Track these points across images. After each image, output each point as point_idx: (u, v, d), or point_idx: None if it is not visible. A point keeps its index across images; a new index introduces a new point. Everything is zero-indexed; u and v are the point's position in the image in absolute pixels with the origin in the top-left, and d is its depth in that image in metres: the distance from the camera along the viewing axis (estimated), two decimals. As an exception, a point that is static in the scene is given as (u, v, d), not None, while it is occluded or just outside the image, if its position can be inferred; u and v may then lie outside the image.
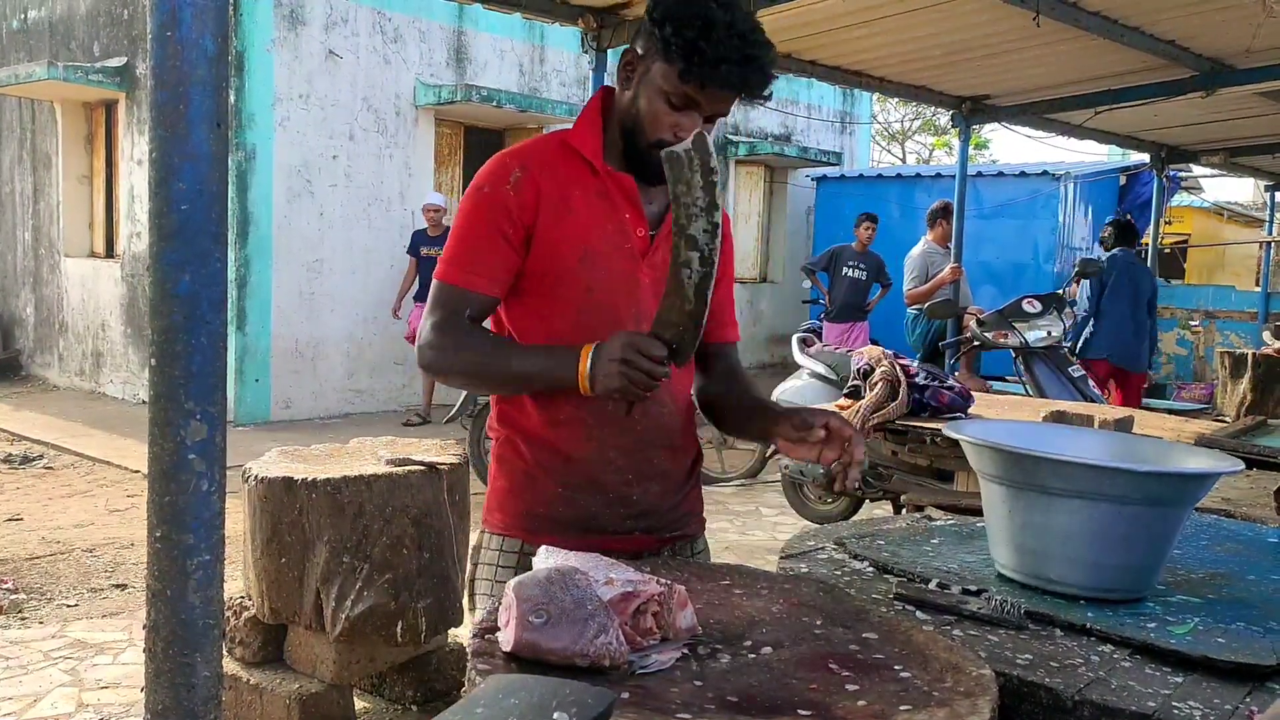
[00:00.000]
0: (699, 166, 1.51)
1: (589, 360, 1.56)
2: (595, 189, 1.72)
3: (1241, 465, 1.71)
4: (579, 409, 1.70)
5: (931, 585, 1.67)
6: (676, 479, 1.83)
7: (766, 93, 1.67)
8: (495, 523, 1.80)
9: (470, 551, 1.86)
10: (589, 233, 1.70)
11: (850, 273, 9.17)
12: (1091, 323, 6.87)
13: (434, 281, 1.72)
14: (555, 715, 0.94)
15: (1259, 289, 12.80)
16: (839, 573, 1.78)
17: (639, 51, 1.69)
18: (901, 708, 1.13)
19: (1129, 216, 8.26)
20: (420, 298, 8.76)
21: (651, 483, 1.77)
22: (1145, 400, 7.35)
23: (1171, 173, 10.38)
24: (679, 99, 1.64)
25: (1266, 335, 10.28)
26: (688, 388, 1.87)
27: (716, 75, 1.60)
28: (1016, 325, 5.90)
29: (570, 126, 1.79)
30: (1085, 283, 6.89)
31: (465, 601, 1.89)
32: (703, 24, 1.59)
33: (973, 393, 4.17)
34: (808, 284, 10.21)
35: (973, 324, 6.27)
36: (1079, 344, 6.84)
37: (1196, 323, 11.96)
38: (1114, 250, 7.06)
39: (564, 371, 1.59)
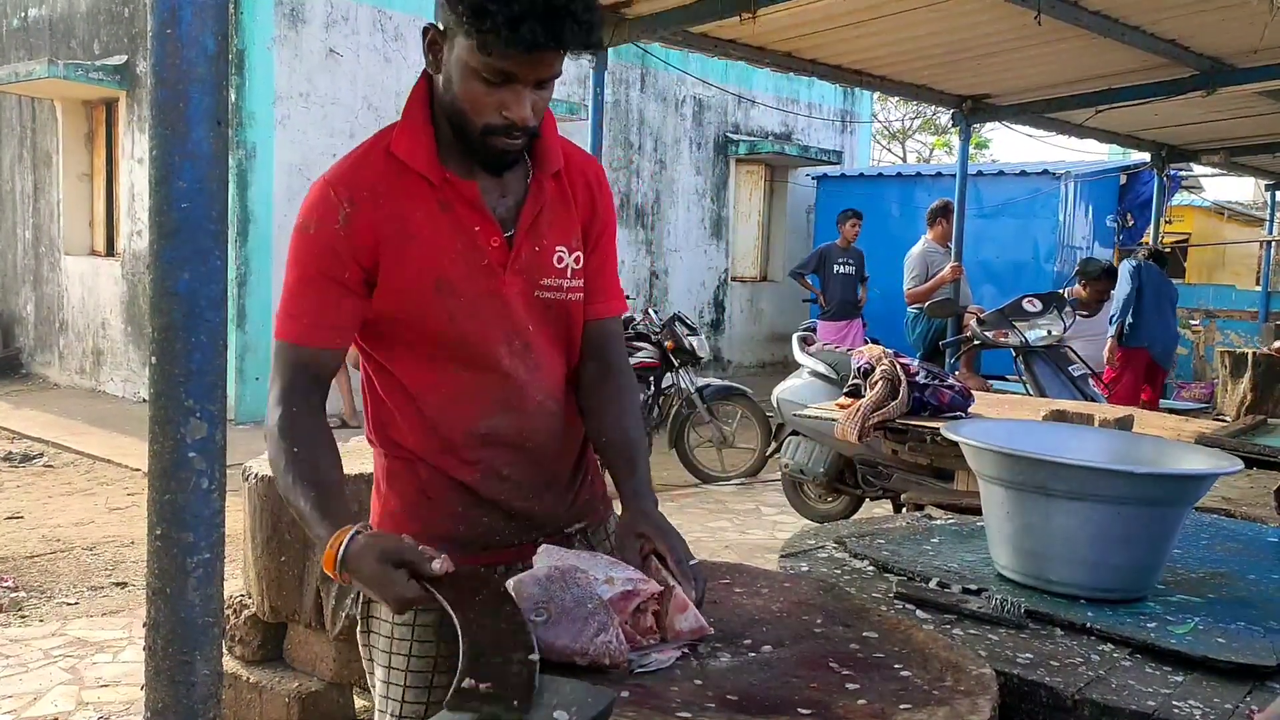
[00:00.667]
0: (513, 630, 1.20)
1: (339, 550, 1.32)
2: (436, 201, 1.51)
3: (1240, 465, 1.71)
4: (465, 436, 1.57)
5: (931, 584, 1.67)
6: (567, 478, 1.68)
7: (594, 40, 1.41)
8: None
9: None
10: (439, 256, 1.50)
11: (841, 270, 9.25)
12: (1132, 315, 7.12)
13: (273, 340, 1.52)
14: (555, 714, 0.94)
15: (1259, 288, 12.81)
16: (839, 571, 1.78)
17: (440, 28, 1.46)
18: (901, 706, 1.13)
19: (1163, 244, 8.82)
20: None
21: (546, 492, 1.64)
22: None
23: (1172, 172, 10.39)
24: (492, 74, 1.40)
25: (1266, 334, 10.29)
26: (564, 379, 1.67)
27: (518, 38, 1.34)
28: (1017, 324, 5.90)
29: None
30: (1125, 277, 7.15)
31: (359, 624, 1.66)
32: None
33: (973, 392, 4.17)
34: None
35: (973, 323, 6.26)
36: (1120, 333, 7.12)
37: (1197, 322, 11.96)
38: (1146, 260, 7.41)
39: (321, 545, 1.37)
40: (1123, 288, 7.14)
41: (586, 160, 1.69)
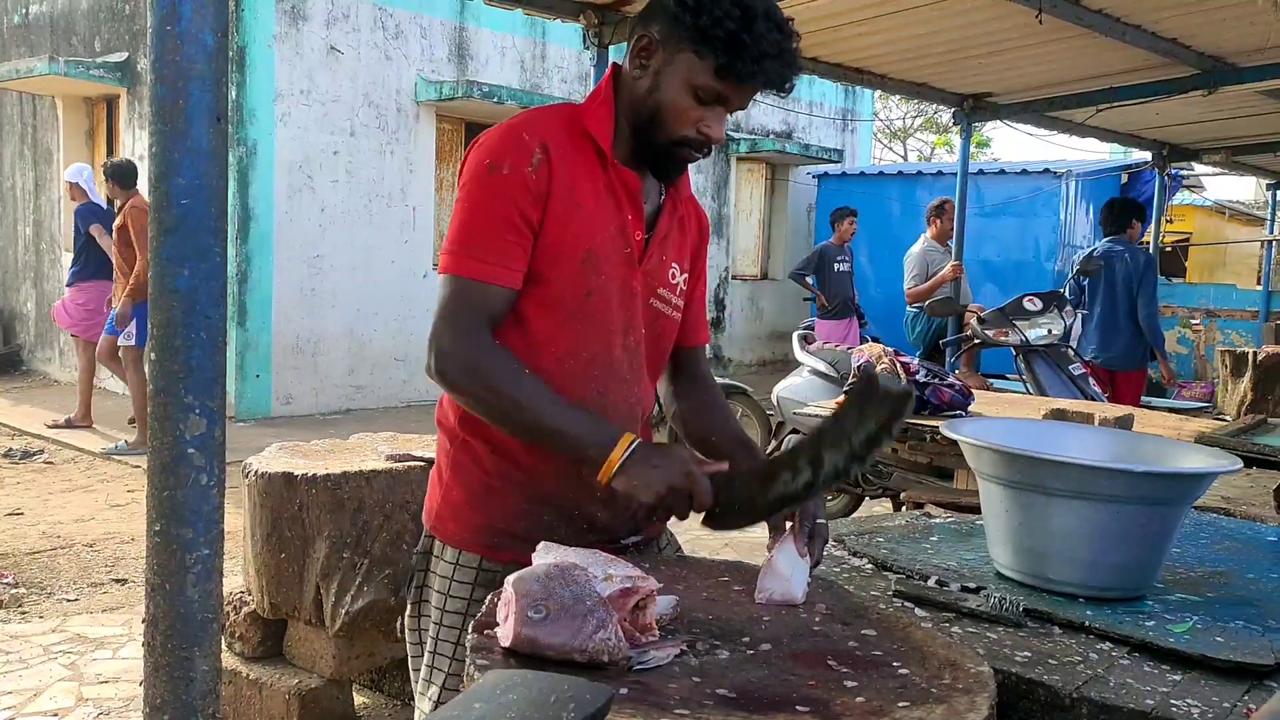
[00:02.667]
0: (885, 418, 1.34)
1: (625, 452, 1.45)
2: (603, 183, 1.58)
3: (1239, 464, 1.71)
4: None
5: (930, 582, 1.67)
6: None
7: (791, 86, 1.56)
8: (450, 534, 1.66)
9: (416, 556, 1.71)
10: (595, 232, 1.56)
11: (839, 268, 9.26)
12: (1080, 325, 6.60)
13: (447, 276, 1.53)
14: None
15: (1260, 288, 12.79)
16: (838, 570, 1.78)
17: (657, 36, 1.54)
18: (900, 704, 1.13)
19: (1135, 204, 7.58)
20: (83, 276, 7.75)
21: (615, 499, 1.62)
22: (1147, 399, 7.26)
23: (1173, 171, 10.36)
24: (708, 94, 1.52)
25: (1266, 333, 10.26)
26: (651, 395, 1.76)
27: (760, 72, 1.49)
28: (1017, 323, 5.89)
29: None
30: (1069, 284, 6.67)
31: (409, 608, 1.72)
32: (743, 15, 1.46)
33: (973, 390, 4.17)
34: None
35: (973, 322, 6.26)
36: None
37: (1197, 321, 11.95)
38: (1095, 246, 6.81)
39: (593, 450, 1.47)
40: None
41: (697, 202, 1.82)
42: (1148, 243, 9.49)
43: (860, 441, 1.36)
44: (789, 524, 1.53)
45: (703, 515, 1.49)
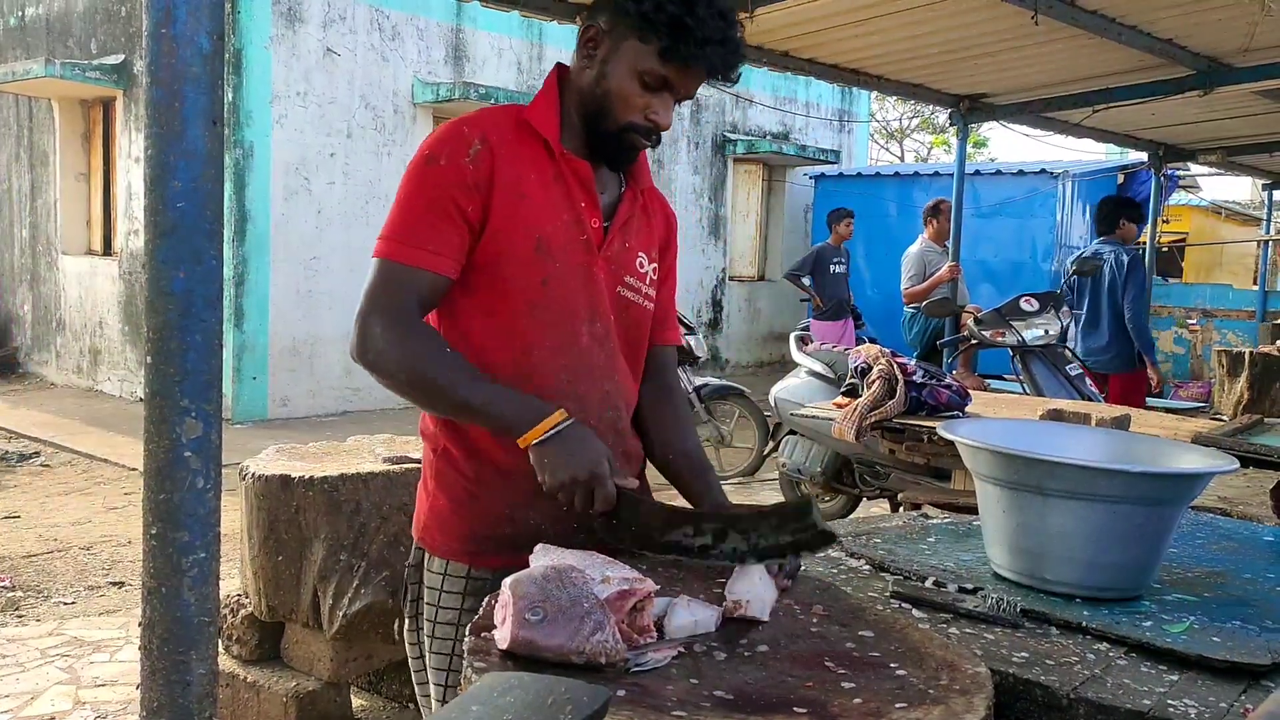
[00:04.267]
0: (797, 541, 1.42)
1: (554, 426, 1.46)
2: (551, 173, 1.60)
3: (1236, 464, 1.71)
4: None
5: (928, 583, 1.67)
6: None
7: (737, 75, 1.60)
8: (436, 544, 1.66)
9: (408, 569, 1.72)
10: (544, 220, 1.57)
11: (835, 269, 9.27)
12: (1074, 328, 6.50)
13: (375, 261, 1.54)
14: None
15: (1256, 287, 12.82)
16: (835, 571, 1.78)
17: (603, 26, 1.58)
18: (897, 705, 1.13)
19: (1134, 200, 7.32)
20: None
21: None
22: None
23: (1169, 171, 10.37)
24: (654, 80, 1.55)
25: (1263, 333, 10.27)
26: (633, 388, 1.75)
27: (702, 56, 1.52)
28: (1014, 323, 5.89)
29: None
30: (1063, 287, 6.57)
31: (407, 620, 1.73)
32: (684, 0, 1.51)
33: (970, 391, 4.17)
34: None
35: (970, 322, 6.26)
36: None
37: (1194, 321, 11.97)
38: (1086, 247, 6.69)
39: (516, 424, 1.48)
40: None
41: (664, 199, 1.84)
42: (1143, 243, 9.50)
43: (764, 546, 1.43)
44: None
45: (601, 520, 1.51)
